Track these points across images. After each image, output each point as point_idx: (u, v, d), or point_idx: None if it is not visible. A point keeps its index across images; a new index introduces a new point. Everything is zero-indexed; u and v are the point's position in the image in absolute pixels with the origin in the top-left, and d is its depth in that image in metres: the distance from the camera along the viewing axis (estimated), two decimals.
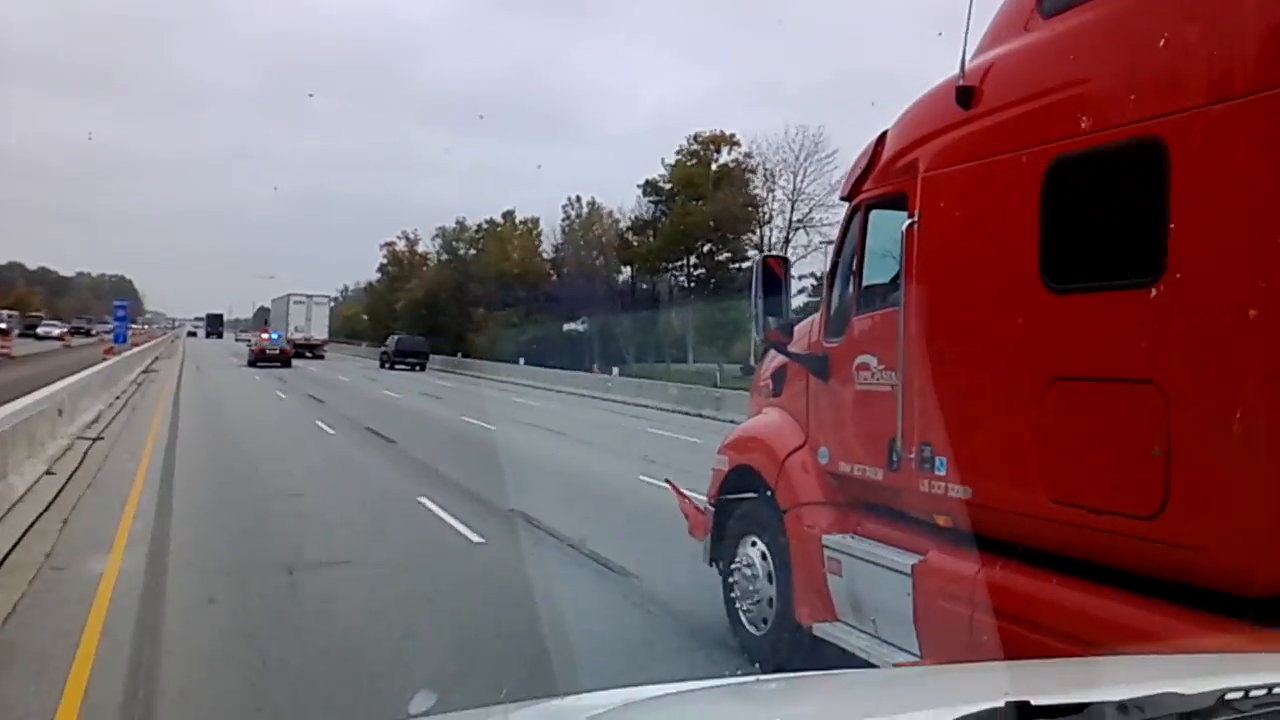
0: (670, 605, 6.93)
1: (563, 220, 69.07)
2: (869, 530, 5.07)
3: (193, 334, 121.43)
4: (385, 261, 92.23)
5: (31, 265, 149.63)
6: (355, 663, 5.60)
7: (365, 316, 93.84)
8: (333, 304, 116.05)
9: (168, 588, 7.01)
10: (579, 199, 67.79)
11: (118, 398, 22.02)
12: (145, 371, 34.54)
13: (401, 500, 11.07)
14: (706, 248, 57.68)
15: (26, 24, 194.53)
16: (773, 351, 6.04)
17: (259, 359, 47.15)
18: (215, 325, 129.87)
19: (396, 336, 55.37)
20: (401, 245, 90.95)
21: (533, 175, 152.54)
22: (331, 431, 18.83)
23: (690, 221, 56.49)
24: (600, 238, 65.28)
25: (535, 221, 73.48)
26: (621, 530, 9.43)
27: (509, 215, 75.41)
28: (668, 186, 60.14)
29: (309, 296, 63.33)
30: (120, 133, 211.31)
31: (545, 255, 70.40)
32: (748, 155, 57.84)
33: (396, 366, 50.43)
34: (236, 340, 76.60)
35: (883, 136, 5.01)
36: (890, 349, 4.71)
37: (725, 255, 57.66)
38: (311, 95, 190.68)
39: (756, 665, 5.61)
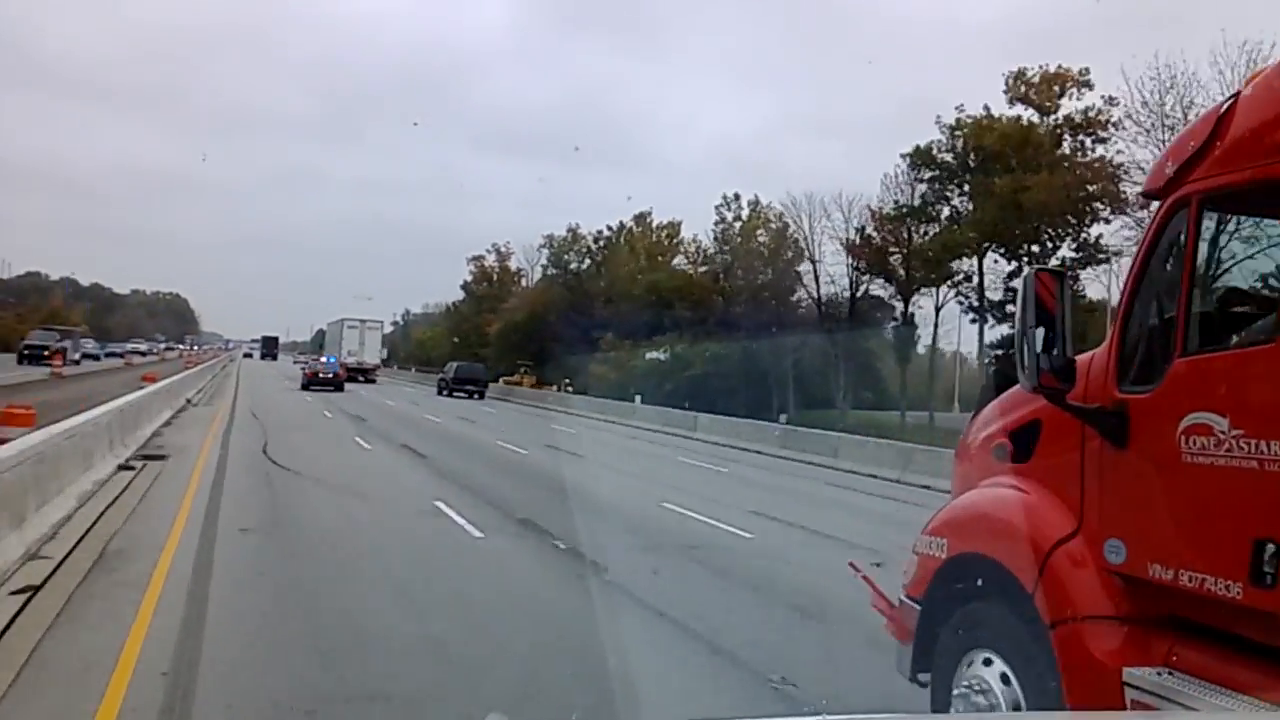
0: None
1: (716, 224, 57.19)
2: (1192, 663, 3.68)
3: (249, 355, 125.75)
4: (471, 279, 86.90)
5: (85, 281, 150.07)
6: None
7: (455, 339, 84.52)
8: (394, 327, 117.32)
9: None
10: (736, 197, 56.14)
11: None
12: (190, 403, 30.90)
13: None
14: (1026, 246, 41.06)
15: (85, 44, 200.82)
16: (1004, 398, 4.85)
17: (312, 382, 48.47)
18: (270, 348, 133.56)
19: (456, 363, 56.64)
20: (491, 260, 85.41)
21: (594, 201, 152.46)
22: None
23: (999, 203, 39.82)
24: (775, 246, 54.34)
25: (676, 226, 62.24)
26: None
27: (643, 218, 62.56)
28: (950, 155, 43.04)
29: (362, 321, 65.20)
30: (177, 155, 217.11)
31: (684, 266, 59.25)
32: (1110, 102, 39.89)
33: (454, 393, 50.93)
34: (294, 363, 75.32)
35: (1230, 106, 3.70)
36: (1255, 405, 3.45)
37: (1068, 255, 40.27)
38: (416, 123, 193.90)
39: None
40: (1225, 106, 3.74)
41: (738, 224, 57.43)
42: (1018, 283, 7.21)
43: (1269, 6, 37.18)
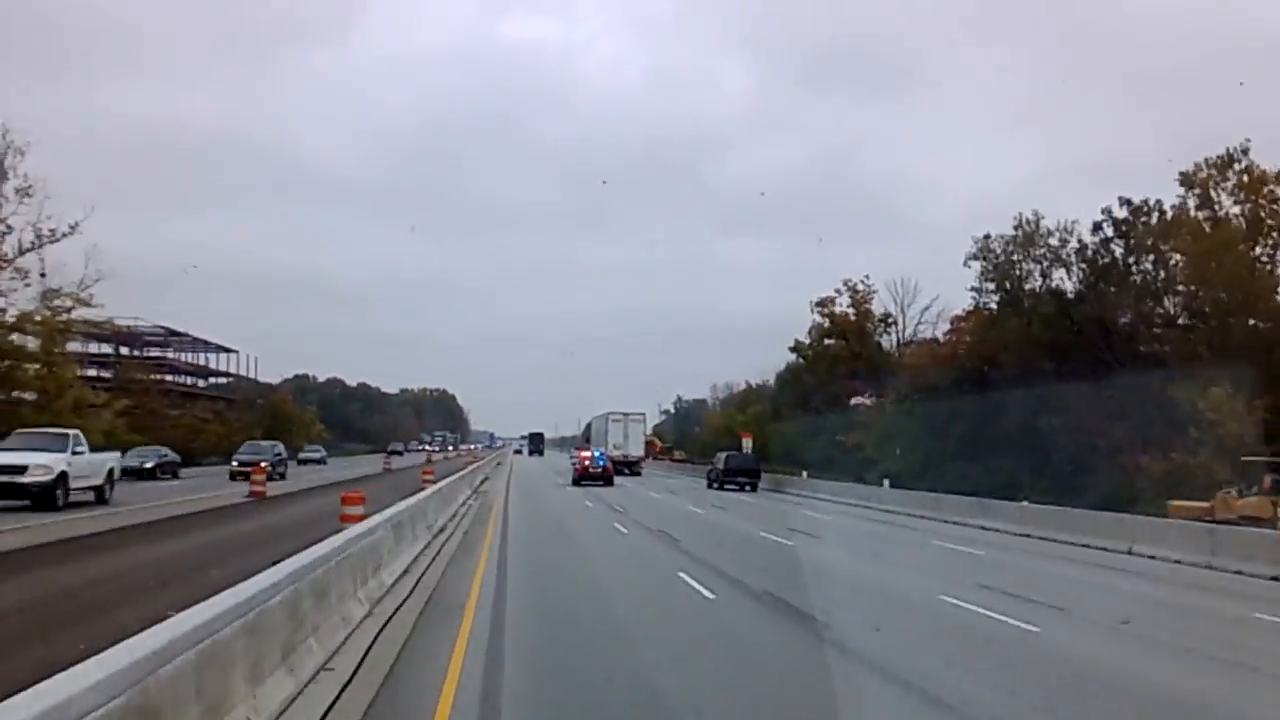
0: None
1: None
2: None
3: (519, 452, 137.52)
4: (818, 332, 74.17)
5: (351, 382, 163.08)
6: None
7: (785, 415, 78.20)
8: (664, 416, 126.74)
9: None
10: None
11: None
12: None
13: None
14: None
15: (339, 154, 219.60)
16: None
17: (583, 477, 50.76)
18: (537, 444, 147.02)
19: (726, 453, 55.14)
20: (843, 302, 71.78)
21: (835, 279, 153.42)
22: None
23: None
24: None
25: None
26: None
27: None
28: None
29: (625, 415, 69.64)
30: (434, 257, 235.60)
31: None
32: None
33: (725, 486, 49.76)
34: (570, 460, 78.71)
35: None
36: None
37: None
38: (605, 182, 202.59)
39: None
40: None
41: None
42: None
43: None
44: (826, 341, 74.24)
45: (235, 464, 45.89)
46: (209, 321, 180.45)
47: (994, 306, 53.31)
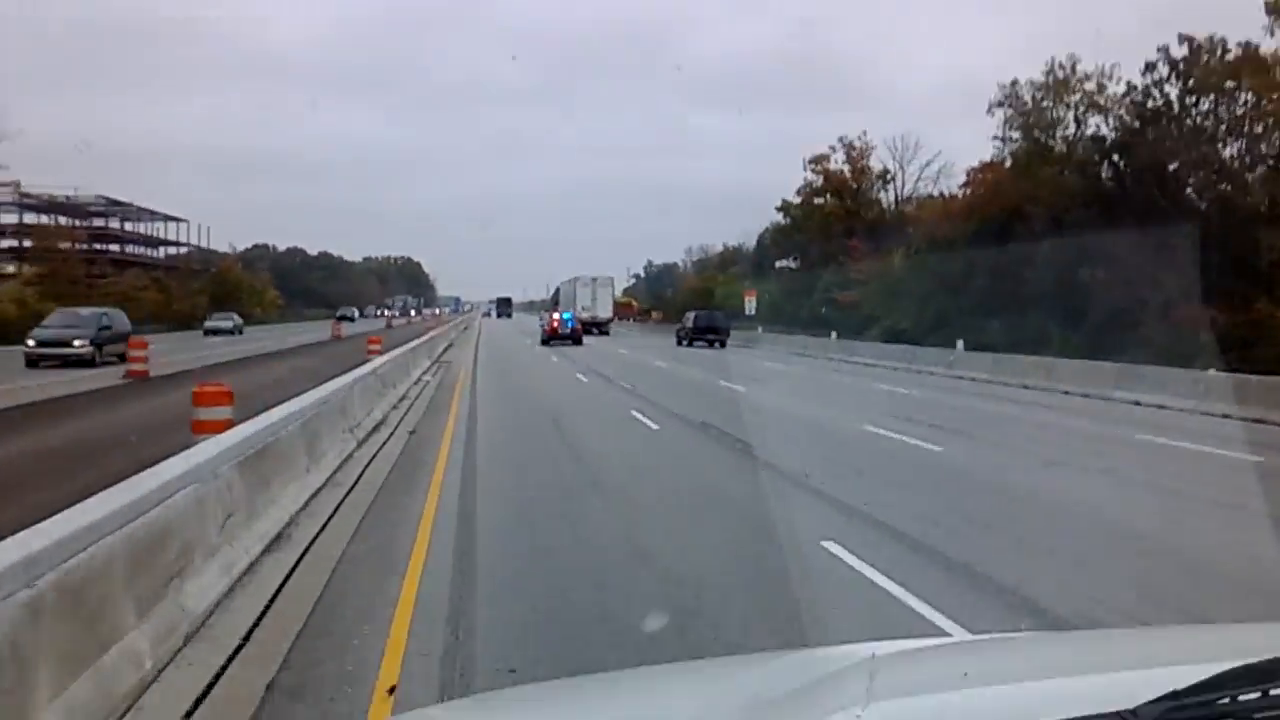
0: None
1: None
2: None
3: (487, 315, 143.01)
4: (810, 190, 71.43)
5: (313, 250, 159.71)
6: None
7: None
8: (635, 279, 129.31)
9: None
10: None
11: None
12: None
13: None
14: None
15: (308, 34, 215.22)
16: None
17: (552, 337, 51.58)
18: (505, 308, 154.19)
19: (695, 312, 57.21)
20: (838, 159, 68.98)
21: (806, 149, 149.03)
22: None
23: None
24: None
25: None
26: None
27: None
28: None
29: (594, 278, 71.47)
30: (401, 130, 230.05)
31: None
32: None
33: (694, 343, 51.77)
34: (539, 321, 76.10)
35: None
36: None
37: None
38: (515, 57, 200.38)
39: None
40: None
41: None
42: None
43: None
44: (818, 200, 71.76)
45: (31, 343, 30.31)
46: (169, 200, 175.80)
47: (1020, 156, 48.96)
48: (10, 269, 55.27)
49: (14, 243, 64.57)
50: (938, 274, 49.31)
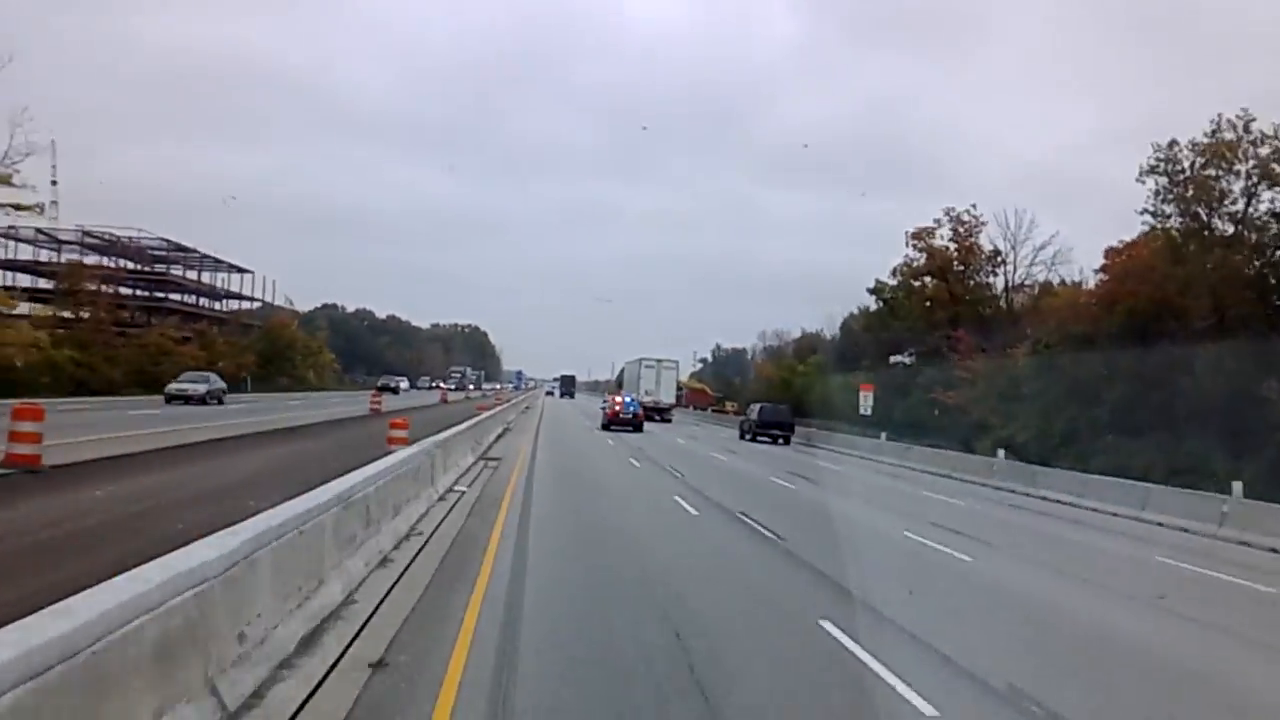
0: None
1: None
2: None
3: (550, 394, 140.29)
4: (912, 267, 65.76)
5: (381, 314, 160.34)
6: None
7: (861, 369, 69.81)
8: (701, 364, 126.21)
9: None
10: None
11: None
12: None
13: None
14: None
15: (385, 92, 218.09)
16: None
17: (612, 422, 49.72)
18: (568, 386, 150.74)
19: (760, 405, 56.23)
20: (944, 234, 63.33)
21: (874, 233, 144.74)
22: None
23: None
24: None
25: None
26: None
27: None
28: None
29: (658, 361, 70.82)
30: (474, 193, 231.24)
31: None
32: None
33: (758, 438, 50.83)
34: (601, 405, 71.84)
35: None
36: None
37: None
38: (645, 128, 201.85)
39: None
40: None
41: None
42: None
43: None
44: (918, 282, 65.91)
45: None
46: (240, 252, 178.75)
47: (1175, 236, 41.86)
48: (24, 309, 50.78)
49: (44, 282, 59.38)
50: (1068, 378, 42.67)
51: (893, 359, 68.54)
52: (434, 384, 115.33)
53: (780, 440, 49.86)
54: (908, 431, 50.31)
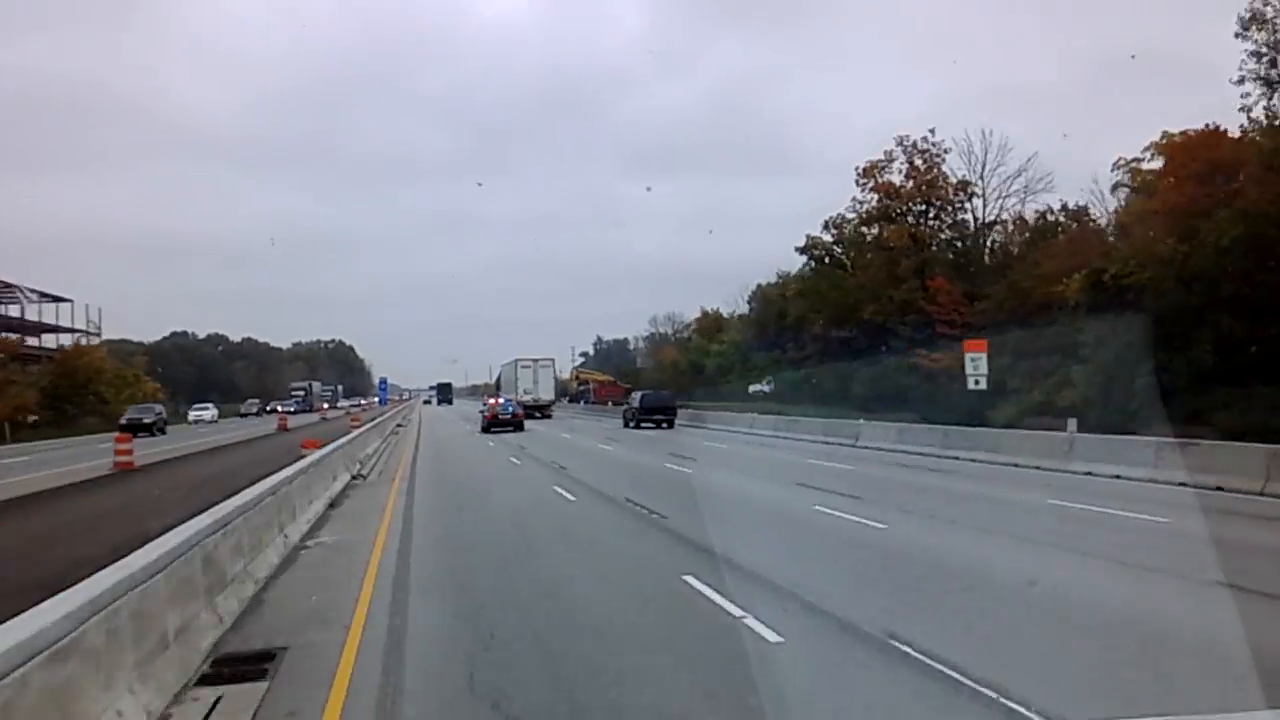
0: None
1: None
2: None
3: (428, 402, 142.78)
4: (863, 213, 60.50)
5: (235, 338, 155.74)
6: None
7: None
8: (583, 358, 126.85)
9: None
10: None
11: None
12: None
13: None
14: None
15: (225, 110, 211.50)
16: None
17: (492, 424, 50.70)
18: (445, 394, 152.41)
19: (641, 393, 57.53)
20: (898, 168, 58.05)
21: (744, 216, 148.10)
22: None
23: None
24: None
25: None
26: None
27: None
28: None
29: (534, 360, 72.99)
30: (328, 212, 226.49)
31: None
32: None
33: (642, 424, 52.04)
34: (480, 408, 67.15)
35: None
36: None
37: None
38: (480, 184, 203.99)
39: None
40: None
41: None
42: None
43: None
44: (869, 230, 60.62)
45: None
46: (83, 286, 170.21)
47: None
48: None
49: None
50: (1148, 319, 32.66)
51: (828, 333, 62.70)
52: (267, 408, 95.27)
53: (664, 424, 51.39)
54: (879, 406, 46.12)
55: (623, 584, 10.44)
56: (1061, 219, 56.48)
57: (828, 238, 63.71)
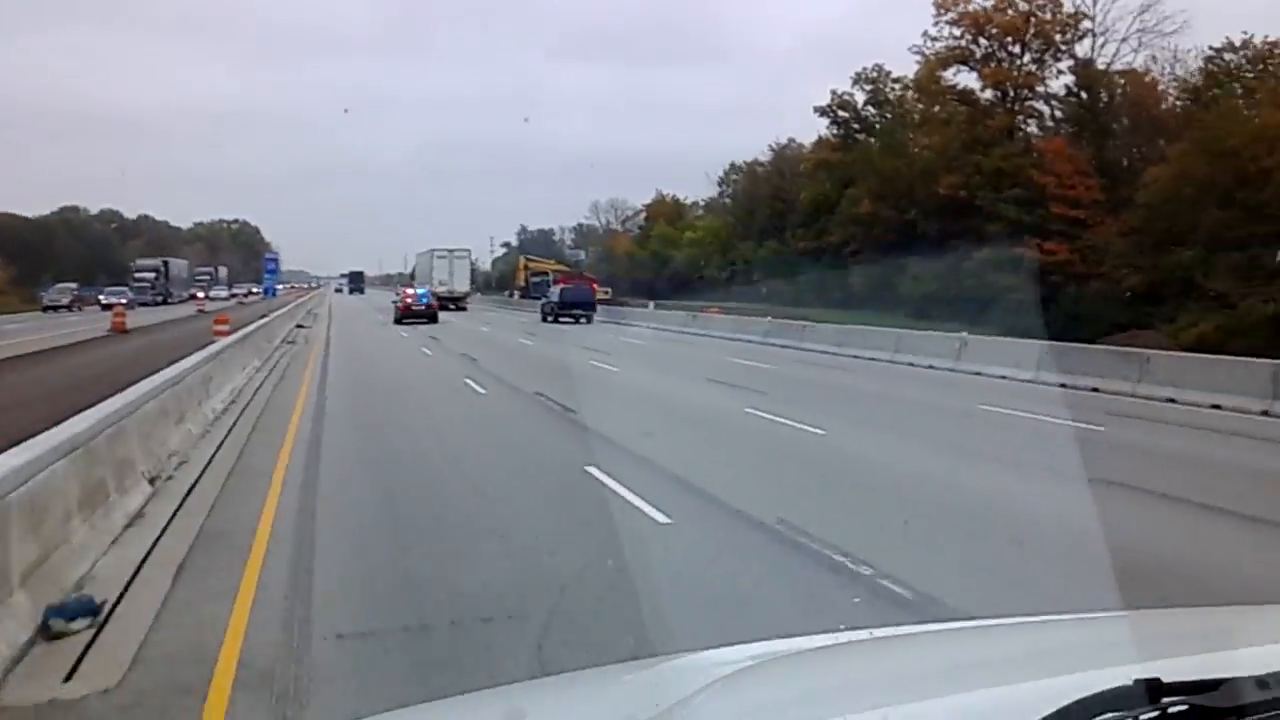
0: None
1: None
2: None
3: (339, 290, 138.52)
4: (933, 58, 49.91)
5: (130, 214, 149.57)
6: None
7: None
8: (505, 249, 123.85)
9: None
10: None
11: None
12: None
13: None
14: None
15: None
16: None
17: (405, 316, 51.13)
18: (357, 282, 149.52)
19: (560, 287, 59.16)
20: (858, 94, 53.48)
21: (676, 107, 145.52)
22: None
23: None
24: None
25: None
26: None
27: None
28: None
29: (450, 251, 73.87)
30: (237, 86, 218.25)
31: None
32: None
33: (560, 319, 53.21)
34: (393, 299, 63.03)
35: None
36: None
37: None
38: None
39: None
40: None
41: None
42: None
43: None
44: (946, 74, 49.04)
45: None
46: None
47: None
48: None
49: None
50: None
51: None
52: (99, 295, 67.63)
53: (582, 319, 52.55)
54: (942, 312, 37.93)
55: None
56: (1244, 60, 42.62)
57: (859, 95, 53.75)
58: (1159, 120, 41.17)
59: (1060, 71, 46.21)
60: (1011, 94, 45.99)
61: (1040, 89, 46.50)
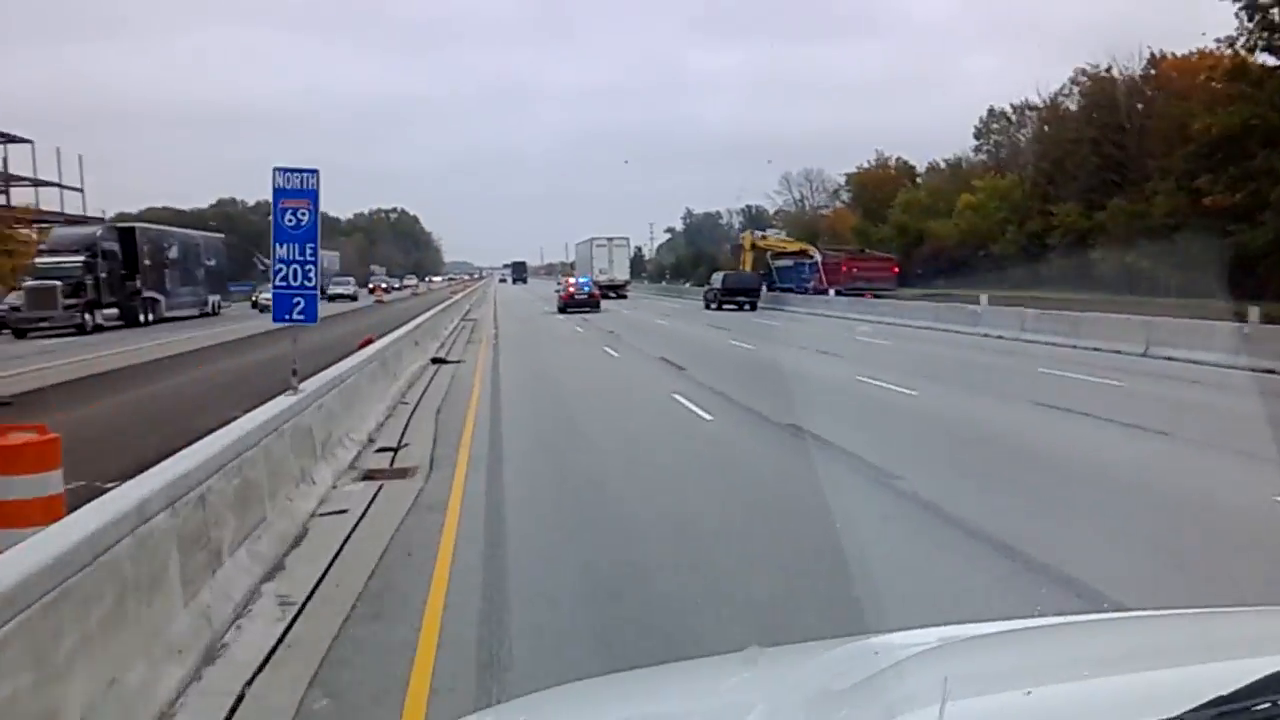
0: None
1: None
2: None
3: (503, 281, 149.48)
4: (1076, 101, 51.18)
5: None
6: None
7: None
8: (669, 235, 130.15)
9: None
10: None
11: None
12: None
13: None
14: None
15: None
16: None
17: (569, 305, 55.33)
18: (520, 272, 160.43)
19: (723, 273, 61.16)
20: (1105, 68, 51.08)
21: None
22: None
23: None
24: None
25: None
26: None
27: None
28: None
29: (610, 240, 78.83)
30: (375, 76, 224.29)
31: None
32: None
33: (724, 306, 55.65)
34: (555, 288, 66.95)
35: None
36: None
37: None
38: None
39: None
40: None
41: None
42: None
43: None
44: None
45: None
46: (130, 156, 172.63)
47: None
48: None
49: None
50: None
51: None
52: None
53: (746, 306, 54.34)
54: None
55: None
56: None
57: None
58: None
59: None
60: None
61: None
